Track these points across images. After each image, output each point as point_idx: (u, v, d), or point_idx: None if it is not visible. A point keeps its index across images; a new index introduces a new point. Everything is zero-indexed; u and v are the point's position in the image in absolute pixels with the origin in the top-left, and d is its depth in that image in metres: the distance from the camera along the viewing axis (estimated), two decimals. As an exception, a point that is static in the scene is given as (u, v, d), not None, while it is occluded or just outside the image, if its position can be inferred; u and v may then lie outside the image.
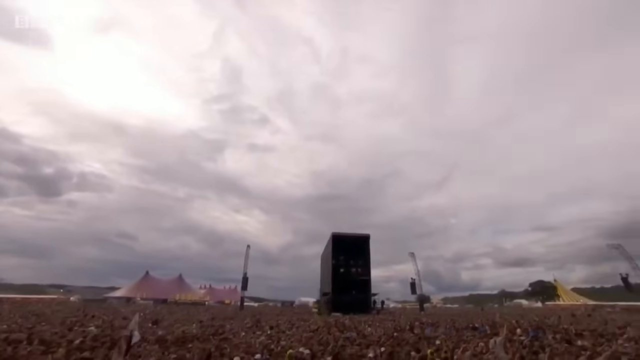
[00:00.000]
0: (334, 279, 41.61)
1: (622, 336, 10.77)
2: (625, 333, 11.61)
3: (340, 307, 37.95)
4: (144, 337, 10.01)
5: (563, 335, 10.70)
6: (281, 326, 16.96)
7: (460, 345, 8.38)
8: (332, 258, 42.96)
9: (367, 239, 45.53)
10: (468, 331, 13.49)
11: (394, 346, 8.61)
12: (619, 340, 9.77)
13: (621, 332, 12.02)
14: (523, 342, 8.45)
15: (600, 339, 10.03)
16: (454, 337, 10.52)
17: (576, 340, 10.06)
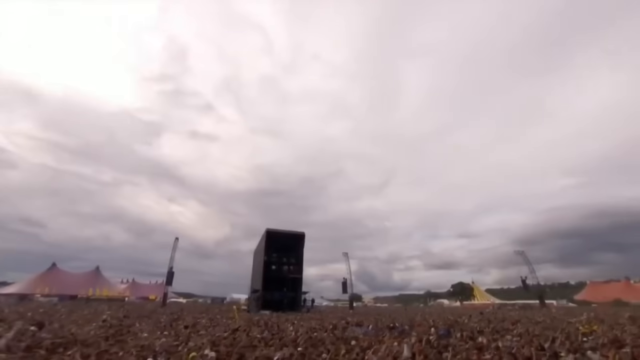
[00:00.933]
0: (265, 276, 40.99)
1: (512, 332, 12.26)
2: (515, 329, 13.32)
3: (270, 305, 37.56)
4: (9, 345, 8.30)
5: (468, 333, 11.62)
6: (199, 325, 15.91)
7: (373, 345, 8.57)
8: (264, 254, 42.22)
9: (302, 237, 45.70)
10: (389, 330, 13.99)
11: (309, 347, 8.47)
12: (508, 335, 11.00)
13: (513, 328, 13.74)
14: (432, 342, 8.93)
15: (496, 335, 11.18)
16: (371, 336, 10.82)
17: (478, 337, 11.03)
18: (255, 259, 51.24)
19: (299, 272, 44.08)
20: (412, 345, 7.57)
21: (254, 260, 53.18)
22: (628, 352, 7.44)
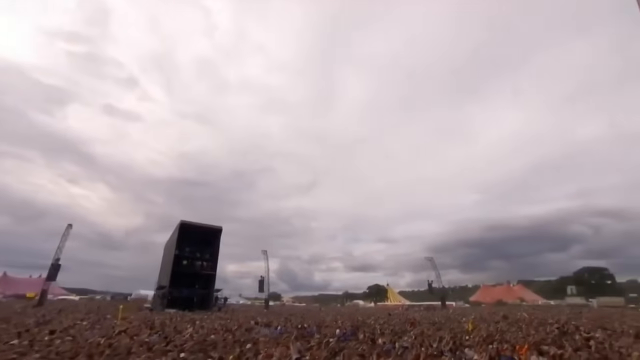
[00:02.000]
0: (174, 272, 37.89)
1: (410, 332, 13.25)
2: (413, 330, 14.49)
3: (178, 303, 34.90)
4: None
5: (370, 335, 12.06)
6: (74, 329, 13.63)
7: (269, 348, 8.26)
8: (175, 248, 39.09)
9: (219, 232, 43.68)
10: (297, 331, 13.86)
11: (196, 352, 7.75)
12: (405, 336, 11.78)
13: (411, 329, 14.91)
14: (329, 344, 8.97)
15: (395, 337, 11.85)
16: (275, 338, 10.52)
17: (378, 339, 11.52)
18: (166, 252, 47.11)
19: (213, 268, 41.80)
20: (300, 348, 7.46)
21: (164, 254, 48.83)
22: (494, 347, 8.50)
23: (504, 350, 8.25)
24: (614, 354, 7.78)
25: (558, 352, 8.07)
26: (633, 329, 14.07)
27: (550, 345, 9.25)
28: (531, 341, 10.05)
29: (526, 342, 9.12)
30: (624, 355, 7.68)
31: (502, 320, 17.95)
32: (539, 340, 10.33)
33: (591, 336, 11.12)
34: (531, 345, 8.63)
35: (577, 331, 13.41)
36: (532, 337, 11.61)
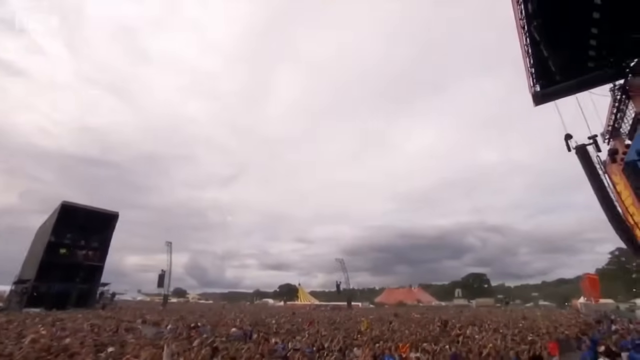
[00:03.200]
0: (44, 262, 31.55)
1: (306, 331, 13.26)
2: (310, 329, 14.61)
3: (45, 300, 29.19)
4: None
5: (265, 334, 11.62)
6: None
7: (138, 351, 7.16)
8: (51, 233, 32.82)
9: (114, 218, 38.37)
10: (189, 330, 12.63)
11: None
12: (298, 336, 11.68)
13: (308, 328, 15.02)
14: (214, 344, 8.26)
15: (289, 336, 11.64)
16: (146, 340, 9.29)
17: (272, 337, 11.13)
18: (37, 239, 39.14)
19: (101, 259, 36.11)
20: (175, 349, 6.63)
21: (34, 242, 40.41)
22: (380, 346, 8.88)
23: (388, 349, 8.67)
24: (475, 345, 8.83)
25: (434, 347, 8.78)
26: (494, 324, 16.55)
27: (430, 342, 10.09)
28: (415, 339, 10.87)
29: (409, 341, 9.81)
30: (481, 346, 8.83)
31: (395, 320, 19.44)
32: (422, 338, 11.25)
33: (462, 332, 12.66)
34: (412, 343, 9.30)
35: (453, 328, 15.17)
36: (417, 334, 12.65)
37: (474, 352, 8.40)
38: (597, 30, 11.45)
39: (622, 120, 17.46)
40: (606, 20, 10.88)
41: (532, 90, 17.65)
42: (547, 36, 12.47)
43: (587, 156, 13.39)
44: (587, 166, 13.39)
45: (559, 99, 17.38)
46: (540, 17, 11.83)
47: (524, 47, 14.70)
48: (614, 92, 17.02)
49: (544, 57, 13.94)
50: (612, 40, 11.64)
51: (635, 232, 15.28)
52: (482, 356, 8.20)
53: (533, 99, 17.94)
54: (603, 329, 19.01)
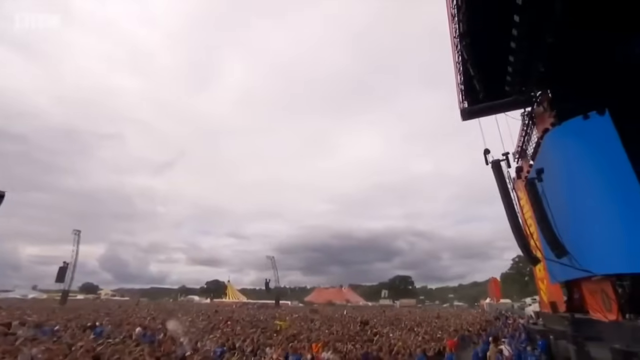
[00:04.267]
0: None
1: (221, 330, 12.67)
2: (226, 327, 14.04)
3: None
4: None
5: (169, 334, 10.82)
6: None
7: None
8: None
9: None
10: (83, 331, 11.15)
11: None
12: (212, 334, 11.10)
13: (224, 327, 14.43)
14: (95, 348, 7.30)
15: (198, 336, 10.96)
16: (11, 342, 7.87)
17: (180, 338, 10.35)
18: None
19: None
20: (35, 354, 5.67)
21: None
22: (293, 345, 8.76)
23: (301, 348, 8.59)
24: (386, 344, 9.22)
25: (347, 347, 8.93)
26: (411, 323, 17.70)
27: (345, 341, 10.28)
28: (332, 338, 11.00)
29: (324, 340, 9.88)
30: (392, 345, 9.28)
31: (318, 319, 19.72)
32: (339, 337, 11.45)
33: (379, 330, 13.26)
34: (325, 342, 9.37)
35: (373, 327, 15.84)
36: (335, 333, 12.87)
37: (384, 350, 8.76)
38: (513, 58, 12.90)
39: (529, 143, 20.09)
40: (520, 50, 12.30)
41: (460, 106, 19.36)
42: (474, 56, 13.70)
43: (500, 171, 14.96)
44: (499, 180, 14.97)
45: (483, 117, 19.32)
46: (469, 37, 12.93)
47: (456, 64, 16.00)
48: (524, 117, 19.49)
49: (471, 75, 15.35)
50: (523, 69, 13.20)
51: (530, 242, 17.66)
52: (393, 354, 8.58)
53: (461, 114, 19.65)
54: (499, 325, 21.63)
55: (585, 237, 13.49)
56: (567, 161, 14.15)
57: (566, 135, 14.16)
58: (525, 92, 16.28)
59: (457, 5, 12.53)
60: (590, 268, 13.29)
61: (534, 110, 18.08)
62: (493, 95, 16.36)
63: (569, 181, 14.14)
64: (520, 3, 10.66)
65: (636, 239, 11.62)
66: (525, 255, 15.69)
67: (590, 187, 13.06)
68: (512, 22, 11.41)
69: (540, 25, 10.95)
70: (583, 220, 13.46)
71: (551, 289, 23.40)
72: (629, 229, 11.86)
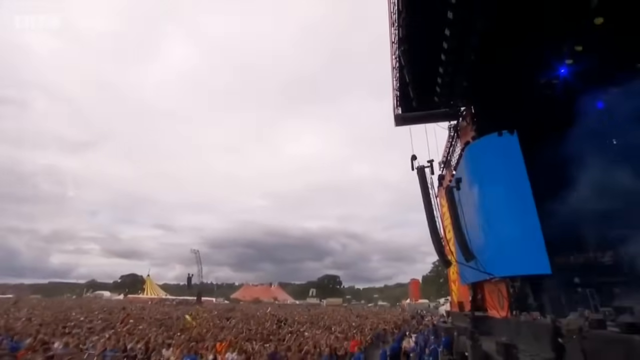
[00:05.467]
0: None
1: (114, 329, 11.40)
2: (125, 326, 12.72)
3: None
4: None
5: (48, 337, 9.40)
6: None
7: None
8: None
9: None
10: None
11: None
12: (97, 337, 9.91)
13: (121, 326, 13.06)
14: None
15: (85, 337, 9.73)
16: None
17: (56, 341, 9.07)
18: None
19: None
20: None
21: None
22: (193, 346, 8.12)
23: (203, 349, 8.01)
24: (297, 341, 9.08)
25: (256, 346, 8.55)
26: (330, 322, 17.97)
27: (256, 340, 9.89)
28: (242, 337, 10.53)
29: (231, 339, 9.38)
30: (303, 343, 9.17)
31: (235, 317, 19.01)
32: (250, 336, 11.02)
33: (294, 329, 13.14)
34: (232, 341, 8.90)
35: (290, 325, 15.69)
36: (250, 332, 12.41)
37: (293, 350, 8.58)
38: (443, 70, 13.82)
39: (453, 154, 21.86)
40: (449, 63, 13.21)
41: (395, 112, 20.27)
42: (410, 63, 14.37)
43: (424, 176, 15.92)
44: (422, 185, 15.94)
45: (415, 124, 20.46)
46: (406, 43, 13.48)
47: (393, 69, 16.65)
48: (450, 129, 21.14)
49: (407, 82, 16.11)
50: (450, 82, 14.22)
51: (445, 246, 19.25)
52: (302, 354, 8.43)
53: (395, 119, 20.58)
54: (413, 323, 23.19)
55: (489, 243, 15.08)
56: (480, 173, 15.63)
57: (482, 149, 15.64)
58: (452, 106, 17.64)
59: (397, 10, 12.95)
60: (491, 271, 14.92)
61: (459, 124, 19.72)
62: (425, 104, 17.40)
63: (480, 192, 15.65)
64: (451, 17, 11.39)
65: (526, 246, 13.34)
66: (439, 258, 17.01)
67: (494, 198, 14.61)
68: (444, 36, 12.19)
69: (466, 41, 11.85)
70: (488, 228, 15.02)
71: (461, 290, 25.92)
72: (522, 238, 13.58)
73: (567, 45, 11.79)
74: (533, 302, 13.29)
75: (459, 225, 16.25)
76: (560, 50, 12.00)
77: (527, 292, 13.99)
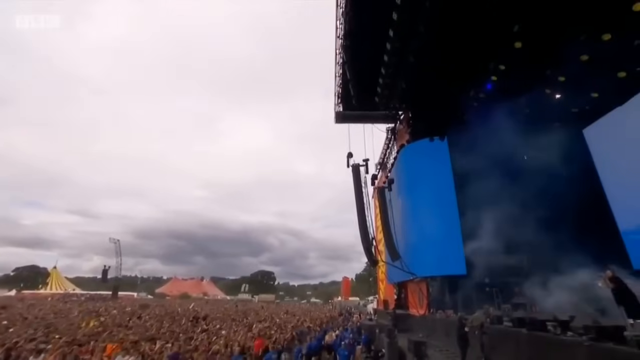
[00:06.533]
0: None
1: None
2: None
3: None
4: None
5: None
6: None
7: None
8: None
9: None
10: None
11: None
12: None
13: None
14: None
15: None
16: None
17: None
18: None
19: None
20: None
21: None
22: (74, 349, 6.98)
23: (86, 352, 6.91)
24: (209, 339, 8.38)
25: (152, 347, 7.68)
26: (255, 319, 17.31)
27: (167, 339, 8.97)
28: (143, 337, 9.54)
29: (123, 339, 8.34)
30: (213, 342, 8.54)
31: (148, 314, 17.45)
32: (155, 335, 10.04)
33: (210, 327, 12.34)
34: (136, 341, 7.93)
35: (210, 322, 14.77)
36: (161, 330, 11.35)
37: (200, 350, 7.87)
38: (385, 71, 14.06)
39: (389, 157, 22.65)
40: (390, 64, 13.47)
41: (336, 108, 20.32)
42: (352, 59, 14.40)
43: (358, 174, 16.08)
44: (355, 183, 16.08)
45: (354, 123, 20.72)
46: (349, 39, 13.44)
47: (337, 64, 16.58)
48: (388, 132, 21.88)
49: (348, 79, 16.14)
50: (390, 83, 14.56)
51: (377, 246, 19.84)
52: (209, 354, 7.76)
53: (335, 116, 20.62)
54: (340, 320, 23.57)
55: (413, 244, 15.82)
56: (410, 176, 16.31)
57: (414, 153, 16.30)
58: (392, 108, 18.18)
59: (344, 4, 12.82)
60: (414, 271, 15.68)
61: (397, 127, 20.47)
62: (366, 104, 17.63)
63: (408, 194, 16.35)
64: (395, 18, 11.54)
65: (447, 248, 14.26)
66: (366, 256, 17.41)
67: (421, 201, 15.33)
68: (388, 36, 12.35)
69: (408, 44, 12.14)
70: (413, 230, 15.76)
71: (387, 289, 27.14)
72: (443, 240, 14.47)
73: (492, 63, 12.72)
74: (449, 301, 14.27)
75: (388, 225, 16.82)
76: (487, 67, 12.88)
77: (444, 291, 14.98)
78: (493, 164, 13.16)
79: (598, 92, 12.47)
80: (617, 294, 6.14)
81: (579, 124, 13.00)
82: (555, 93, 13.28)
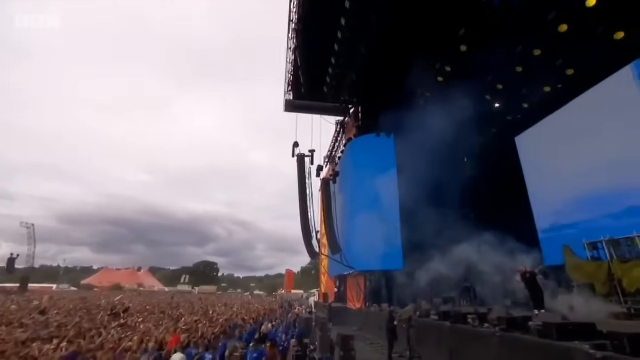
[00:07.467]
0: None
1: None
2: None
3: None
4: None
5: None
6: None
7: None
8: None
9: None
10: None
11: None
12: None
13: None
14: None
15: None
16: None
17: None
18: None
19: None
20: None
21: None
22: None
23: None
24: (110, 341, 7.50)
25: (45, 347, 6.67)
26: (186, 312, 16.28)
27: (62, 339, 7.88)
28: (45, 334, 8.33)
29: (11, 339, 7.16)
30: (130, 336, 7.74)
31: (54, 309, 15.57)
32: (56, 333, 8.83)
33: (128, 321, 11.30)
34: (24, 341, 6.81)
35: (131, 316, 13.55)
36: (63, 327, 10.02)
37: (106, 348, 7.01)
38: (335, 61, 13.77)
39: (337, 150, 22.63)
40: (341, 55, 13.21)
41: (286, 96, 19.70)
42: (304, 46, 13.94)
43: (302, 165, 15.78)
44: (300, 173, 15.76)
45: (304, 113, 20.27)
46: (302, 23, 12.94)
47: (288, 49, 15.98)
48: (337, 125, 21.81)
49: (299, 66, 15.66)
50: (340, 74, 14.30)
51: (321, 240, 19.82)
52: (118, 352, 6.93)
53: (285, 104, 19.98)
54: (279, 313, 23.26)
55: (354, 238, 15.93)
56: (355, 170, 16.25)
57: (360, 147, 16.30)
58: (342, 101, 18.00)
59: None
60: (353, 265, 15.82)
61: (346, 121, 20.46)
62: (315, 94, 17.26)
63: (352, 188, 16.39)
64: (348, 7, 11.27)
65: (386, 243, 14.53)
66: (306, 248, 17.30)
67: (364, 196, 15.42)
68: (339, 25, 12.07)
69: (359, 35, 11.97)
70: (354, 224, 15.85)
71: (328, 283, 27.38)
72: (382, 236, 14.70)
73: (439, 64, 13.09)
74: (385, 295, 14.63)
75: (331, 218, 16.79)
76: (434, 68, 13.21)
77: (381, 285, 15.34)
78: (433, 163, 13.58)
79: (528, 104, 13.51)
80: (528, 287, 6.63)
81: (512, 131, 13.92)
82: (495, 101, 14.12)
